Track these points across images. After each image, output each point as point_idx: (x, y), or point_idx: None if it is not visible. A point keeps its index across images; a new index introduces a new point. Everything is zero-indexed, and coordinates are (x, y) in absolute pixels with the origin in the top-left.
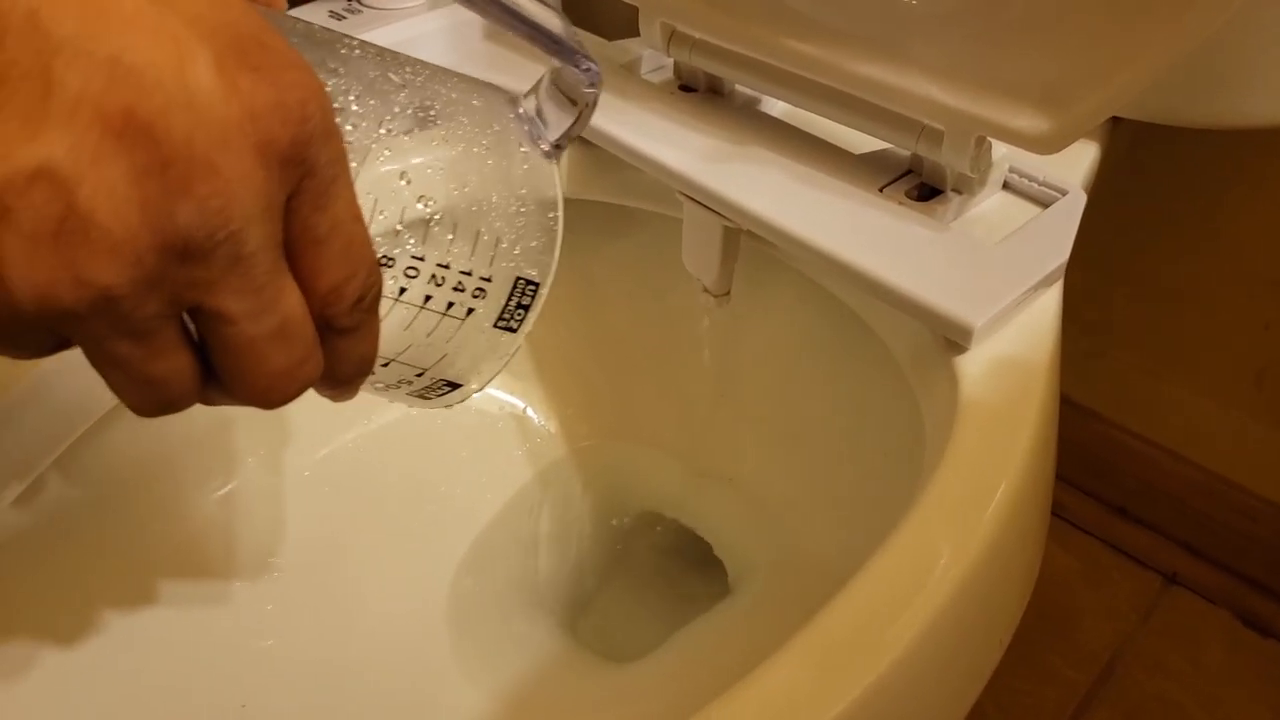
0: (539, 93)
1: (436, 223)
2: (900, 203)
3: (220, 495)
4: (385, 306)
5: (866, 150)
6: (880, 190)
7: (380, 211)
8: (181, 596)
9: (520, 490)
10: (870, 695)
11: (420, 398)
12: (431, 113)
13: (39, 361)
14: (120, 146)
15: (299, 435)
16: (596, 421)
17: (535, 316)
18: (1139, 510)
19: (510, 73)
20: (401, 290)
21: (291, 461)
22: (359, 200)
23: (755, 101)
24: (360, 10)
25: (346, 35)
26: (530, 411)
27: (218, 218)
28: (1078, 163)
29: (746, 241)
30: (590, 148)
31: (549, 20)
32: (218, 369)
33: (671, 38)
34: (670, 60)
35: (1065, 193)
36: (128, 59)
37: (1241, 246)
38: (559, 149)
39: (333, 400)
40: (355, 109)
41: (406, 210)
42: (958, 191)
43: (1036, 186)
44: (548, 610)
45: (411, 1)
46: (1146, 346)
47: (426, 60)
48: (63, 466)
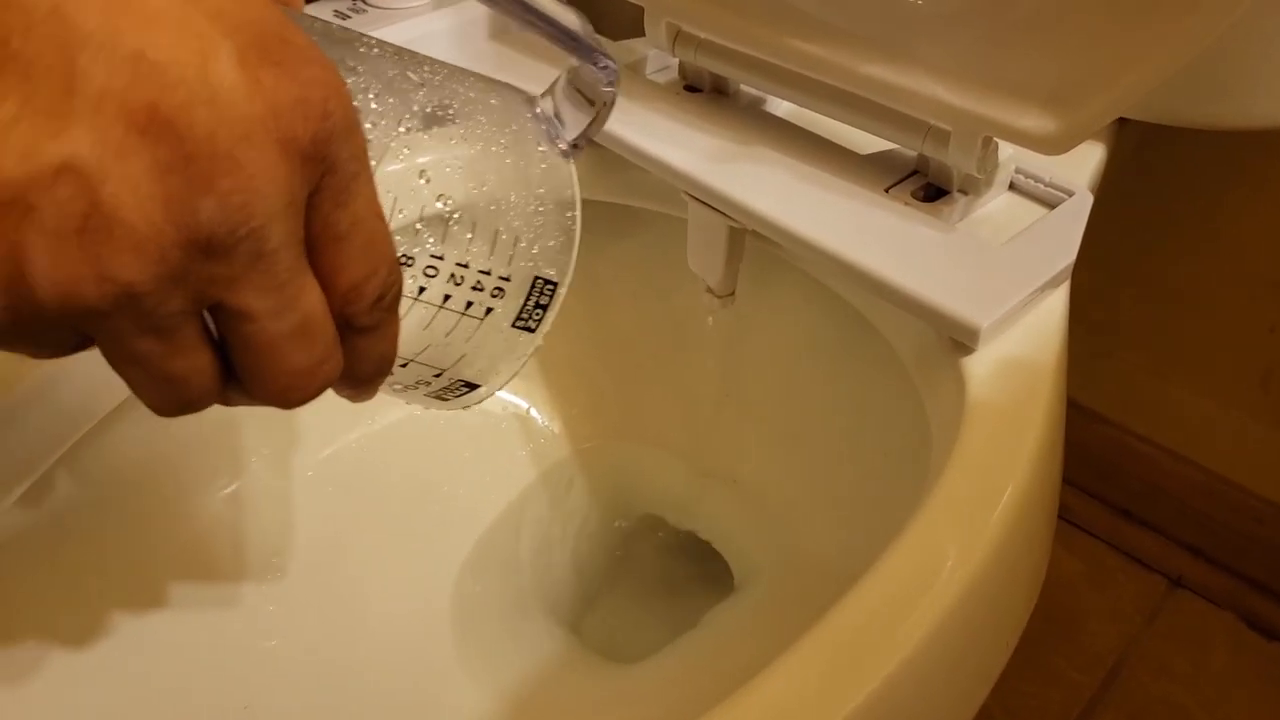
0: (555, 93)
1: (455, 221)
2: (906, 203)
3: (223, 495)
4: (404, 306)
5: (872, 151)
6: (886, 191)
7: (400, 210)
8: (184, 596)
9: (524, 491)
10: (877, 698)
11: (438, 398)
12: (450, 112)
13: (42, 361)
14: (144, 142)
15: (303, 435)
16: (600, 422)
17: (553, 317)
18: (1144, 512)
19: (516, 72)
20: (421, 289)
21: (295, 461)
22: (379, 198)
23: (760, 102)
24: (365, 10)
25: (364, 34)
26: (534, 412)
27: (240, 213)
28: (1084, 164)
29: (751, 242)
30: (595, 148)
31: (567, 18)
32: (237, 367)
33: (677, 38)
34: (675, 60)
35: (1072, 194)
36: (151, 54)
37: (1247, 248)
38: (577, 149)
39: (351, 400)
40: (374, 107)
41: (426, 208)
42: (964, 192)
43: (1043, 187)
44: (551, 611)
45: (416, 1)
46: (1152, 348)
47: (442, 59)
48: (66, 466)
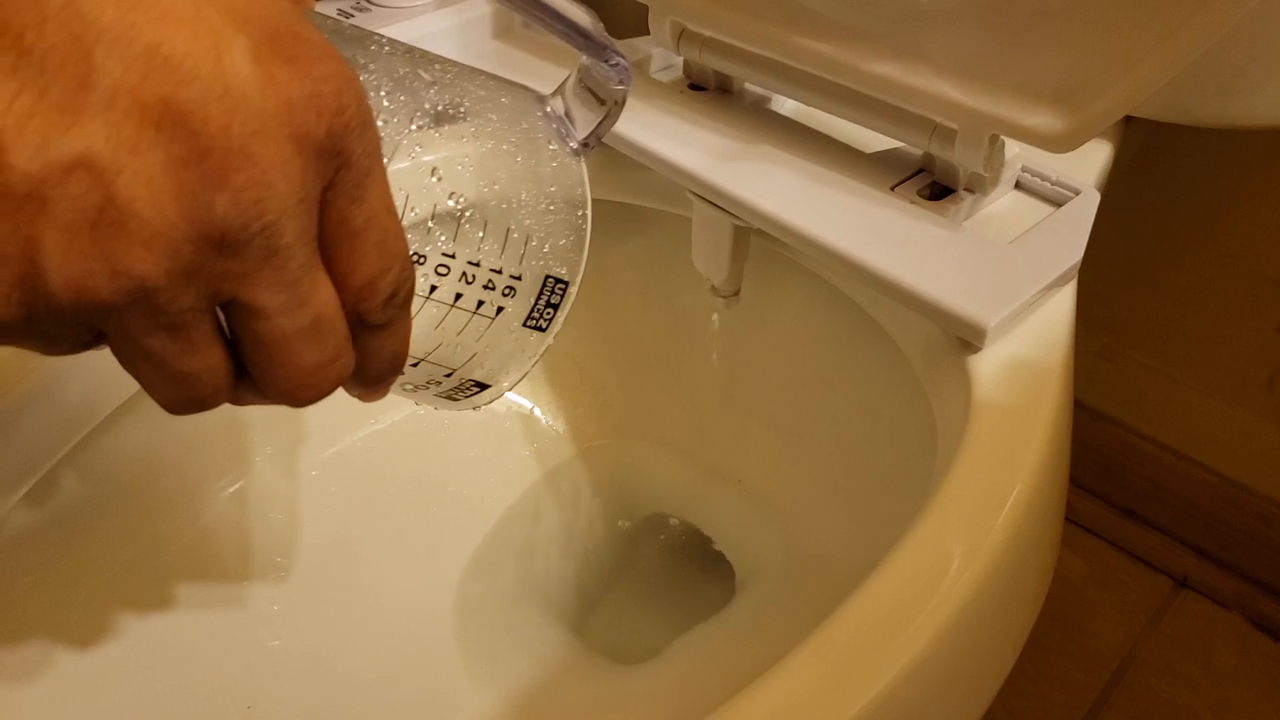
0: (565, 92)
1: (467, 220)
2: (912, 201)
3: (227, 494)
4: (416, 304)
5: (877, 149)
6: (892, 189)
7: (411, 207)
8: (188, 595)
9: (528, 490)
10: (882, 701)
11: (448, 399)
12: (461, 110)
13: (48, 359)
14: (158, 137)
15: (307, 434)
16: (605, 421)
17: (564, 316)
18: (1149, 512)
19: (519, 71)
20: (432, 288)
21: (299, 460)
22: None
23: (765, 100)
24: (369, 9)
25: (375, 32)
26: (538, 411)
27: (254, 208)
28: (1091, 162)
29: (756, 241)
30: (600, 147)
31: (578, 15)
32: (249, 365)
33: (681, 36)
34: (680, 59)
35: (1078, 192)
36: (165, 49)
37: (1254, 247)
38: (587, 147)
39: (362, 400)
40: (386, 104)
41: (437, 206)
42: (970, 190)
43: (1049, 186)
44: (555, 611)
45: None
46: (1157, 347)
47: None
48: (70, 464)
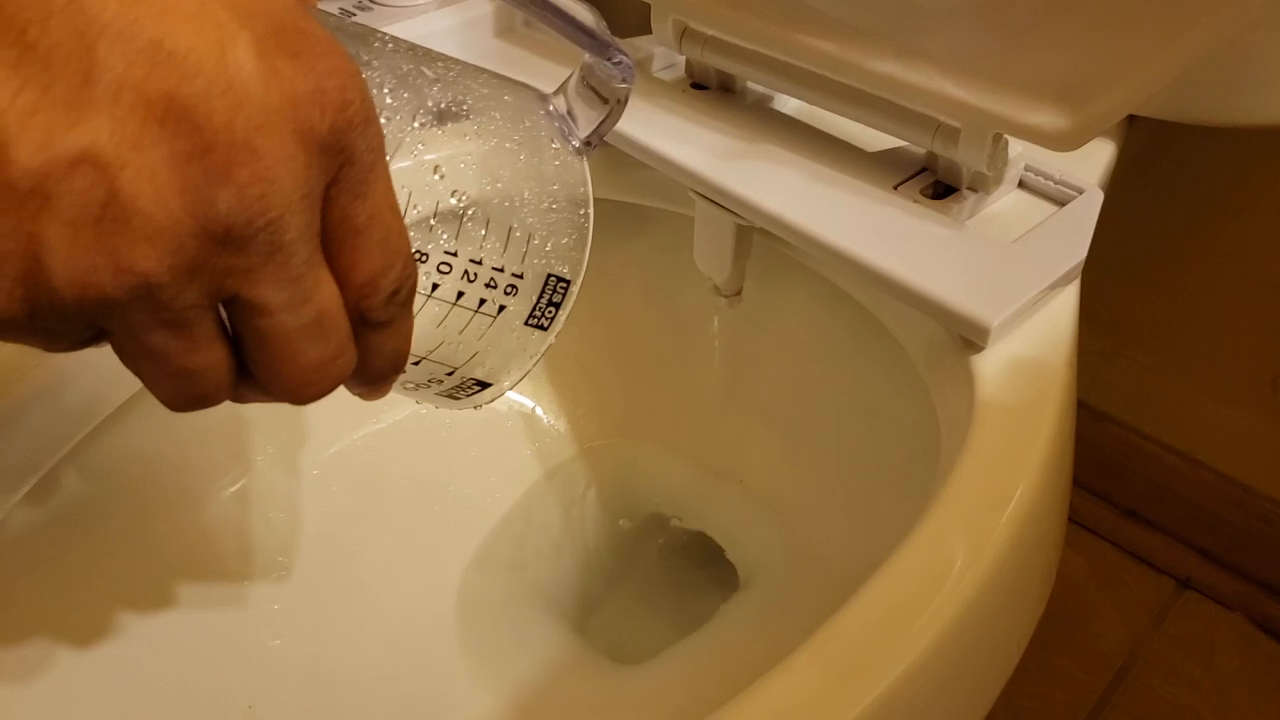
0: (568, 90)
1: (469, 218)
2: (915, 200)
3: (228, 493)
4: (418, 303)
5: (880, 148)
6: (894, 188)
7: (414, 205)
8: (189, 595)
9: (529, 490)
10: (885, 701)
11: (449, 397)
12: (464, 107)
13: (50, 358)
14: (161, 132)
15: (308, 433)
16: (606, 421)
17: (566, 315)
18: (1151, 513)
19: (520, 70)
20: (434, 286)
21: (301, 459)
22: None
23: (767, 99)
24: (371, 8)
25: (378, 30)
26: (540, 411)
27: (258, 204)
28: (1094, 161)
29: (758, 240)
30: (602, 146)
31: (581, 13)
32: (251, 362)
33: (683, 35)
34: (682, 58)
35: (1082, 191)
36: (169, 44)
37: (1257, 247)
38: (590, 146)
39: (363, 398)
40: (389, 102)
41: (440, 204)
42: (973, 189)
43: (1053, 185)
44: (557, 611)
45: None
46: (1160, 348)
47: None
48: (71, 463)
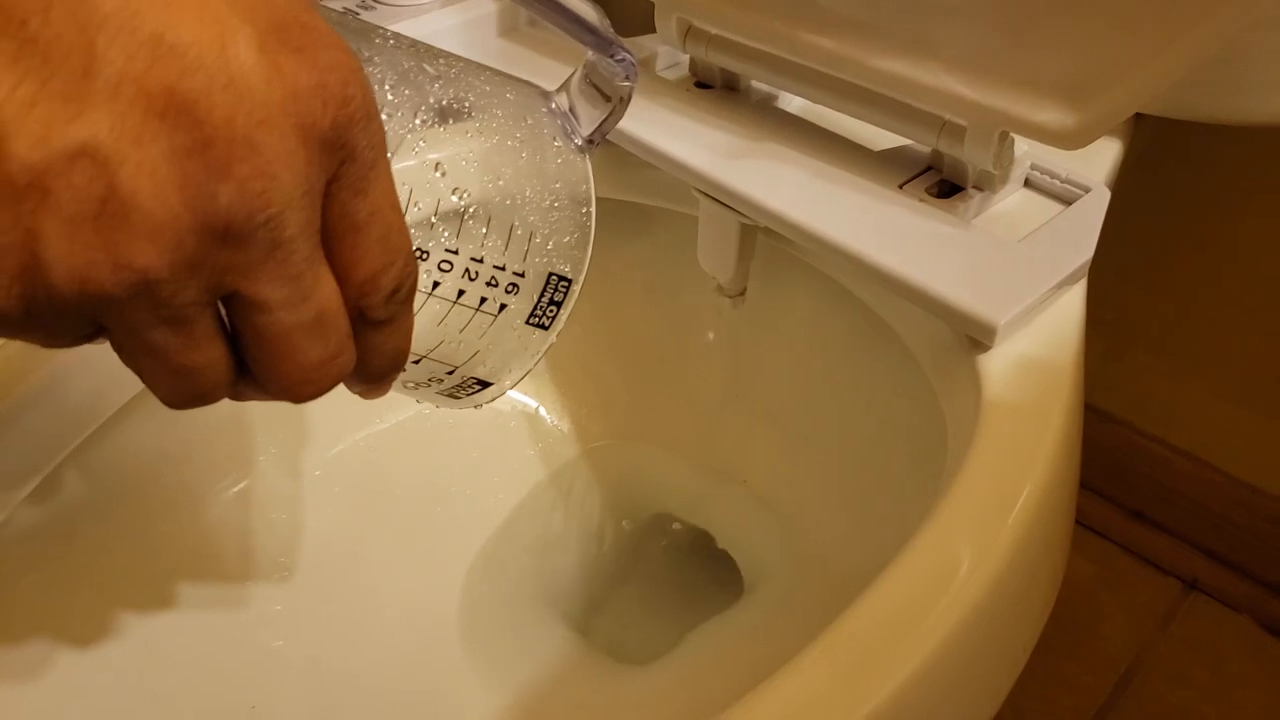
0: (570, 89)
1: (471, 216)
2: (920, 199)
3: (230, 494)
4: (418, 301)
5: (885, 146)
6: (900, 187)
7: (415, 203)
8: (191, 596)
9: (533, 491)
10: (891, 703)
11: (449, 396)
12: (466, 105)
13: (51, 359)
14: (162, 126)
15: (310, 434)
16: (610, 421)
17: (567, 314)
18: (1158, 514)
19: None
20: (435, 284)
21: (303, 460)
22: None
23: (772, 98)
24: (374, 7)
25: (380, 26)
26: (543, 411)
27: (259, 200)
28: (1100, 160)
29: (762, 239)
30: (605, 144)
31: (584, 11)
32: (250, 360)
33: (687, 33)
34: (686, 56)
35: (1088, 190)
36: (170, 37)
37: (1263, 247)
38: (592, 144)
39: (363, 397)
40: (390, 99)
41: (441, 202)
42: (979, 188)
43: (1059, 184)
44: (560, 612)
45: None
46: (1165, 348)
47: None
48: (73, 464)
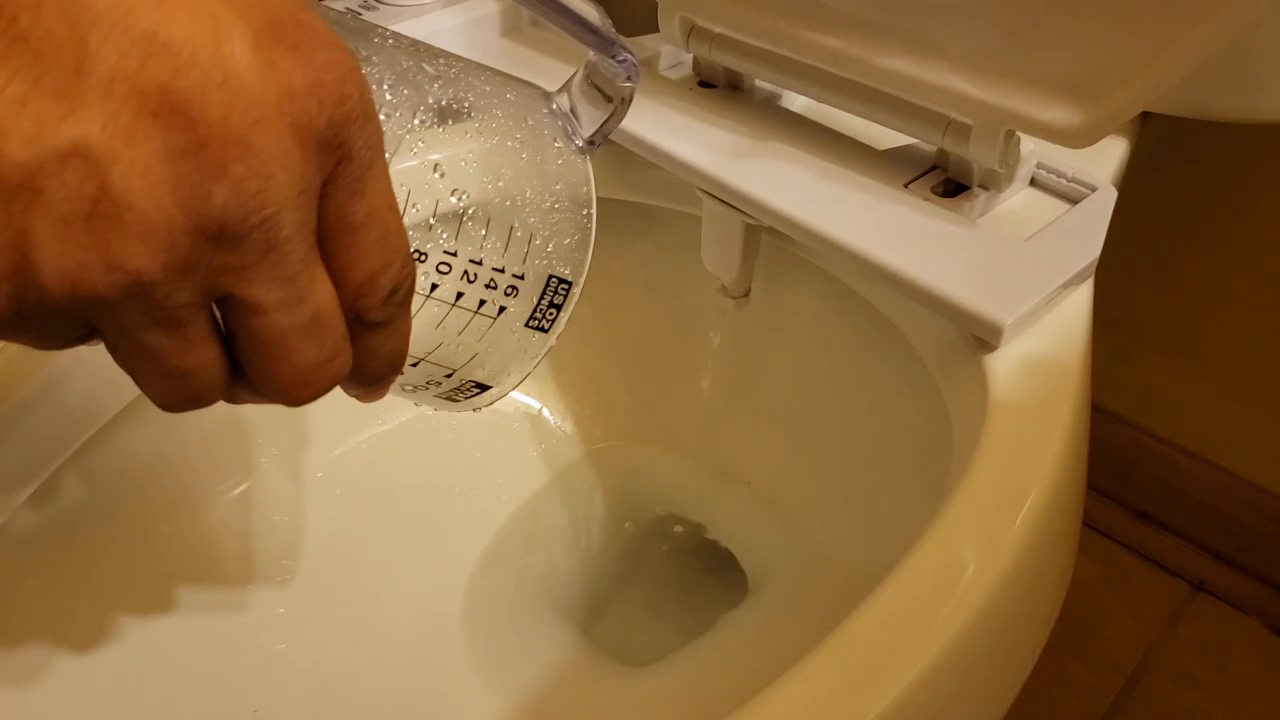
0: (571, 89)
1: (470, 217)
2: (926, 199)
3: (231, 497)
4: (416, 303)
5: (890, 146)
6: (905, 186)
7: (413, 204)
8: (191, 599)
9: (536, 492)
10: (896, 708)
11: (448, 400)
12: (465, 105)
13: (50, 361)
14: (155, 125)
15: (312, 435)
16: (613, 422)
17: (567, 317)
18: (1164, 515)
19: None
20: (433, 286)
21: (305, 462)
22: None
23: (775, 97)
24: (376, 7)
25: (379, 25)
26: (546, 412)
27: (253, 200)
28: (1107, 159)
29: (766, 240)
30: (608, 144)
31: (586, 11)
32: (245, 362)
33: (690, 32)
34: (689, 56)
35: (1095, 189)
36: (163, 35)
37: (1271, 245)
38: (593, 145)
39: (360, 400)
40: (389, 98)
41: (440, 203)
42: (984, 187)
43: (1065, 183)
44: (563, 613)
45: None
46: (1172, 347)
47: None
48: (73, 468)
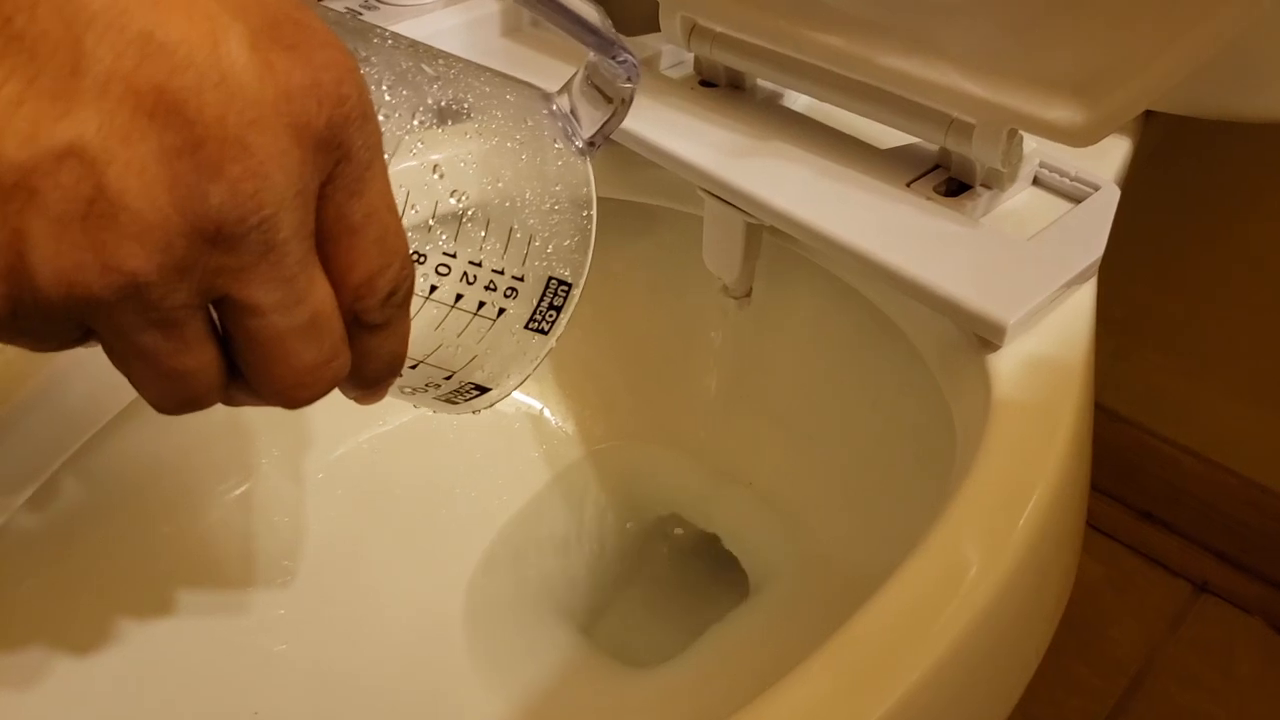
0: (572, 90)
1: (469, 218)
2: (928, 198)
3: (232, 498)
4: (415, 305)
5: (892, 145)
6: (907, 185)
7: (412, 205)
8: (192, 600)
9: (537, 492)
10: (899, 711)
11: (448, 402)
12: (465, 106)
13: (50, 362)
14: (151, 126)
15: (313, 436)
16: (614, 422)
17: (567, 319)
18: (1167, 515)
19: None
20: (432, 288)
21: (305, 463)
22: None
23: (777, 96)
24: (377, 7)
25: (378, 25)
26: (547, 412)
27: (251, 201)
28: (1110, 158)
29: (767, 239)
30: (609, 144)
31: (586, 11)
32: (243, 365)
33: (692, 32)
34: (690, 55)
35: (1098, 188)
36: (160, 35)
37: (1274, 245)
38: (593, 146)
39: (359, 402)
40: (388, 99)
41: (439, 204)
42: (987, 186)
43: (1068, 182)
44: (565, 614)
45: None
46: (1175, 347)
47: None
48: (72, 469)
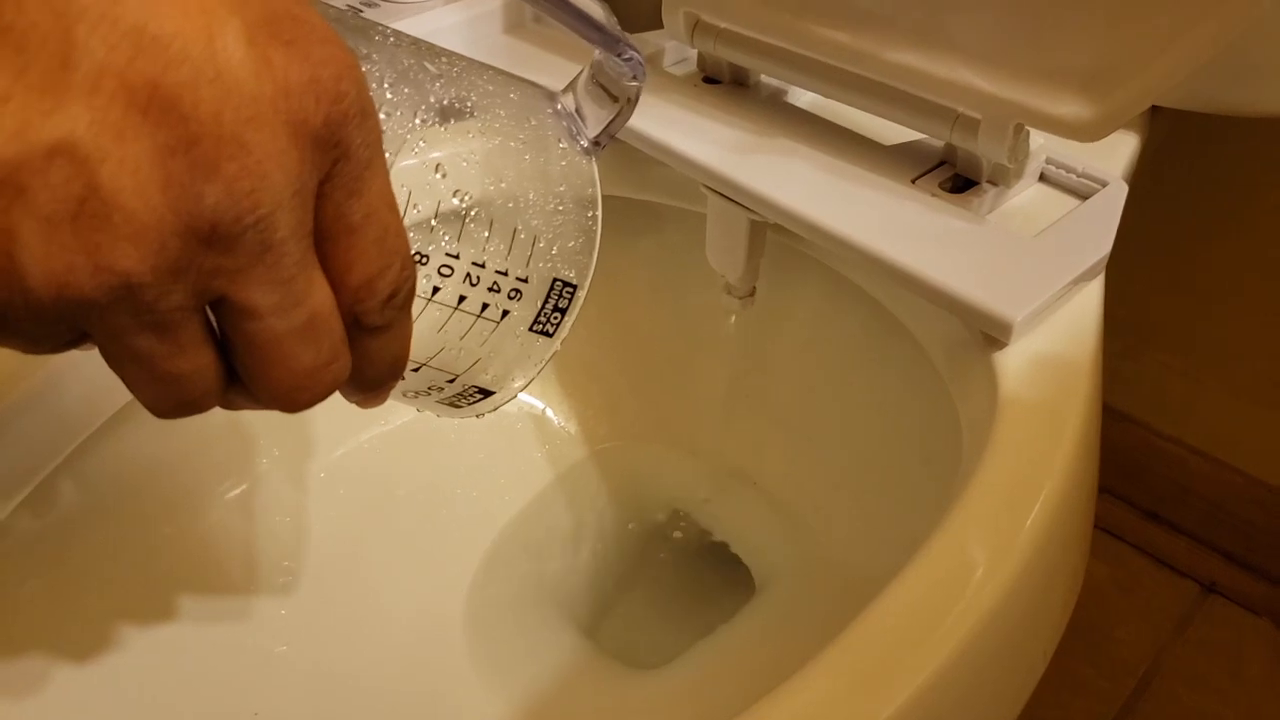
0: (576, 89)
1: (472, 219)
2: (934, 194)
3: (232, 499)
4: (417, 306)
5: (897, 141)
6: (913, 182)
7: (414, 205)
8: (193, 602)
9: (539, 493)
10: (905, 713)
11: (450, 405)
12: (467, 104)
13: (46, 363)
14: (145, 122)
15: (313, 436)
16: (617, 422)
17: (572, 321)
18: (1174, 515)
19: (531, 68)
20: (435, 289)
21: (306, 463)
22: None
23: (781, 92)
24: (378, 4)
25: (380, 23)
26: (550, 412)
27: (247, 200)
28: (1117, 154)
29: (771, 236)
30: (612, 142)
31: (590, 8)
32: (240, 368)
33: (695, 28)
34: (694, 52)
35: (1105, 184)
36: (153, 28)
37: None
38: (598, 146)
39: (360, 406)
40: (389, 97)
41: (441, 204)
42: (993, 183)
43: (1075, 178)
44: (567, 615)
45: None
46: (1182, 346)
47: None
48: (69, 471)
